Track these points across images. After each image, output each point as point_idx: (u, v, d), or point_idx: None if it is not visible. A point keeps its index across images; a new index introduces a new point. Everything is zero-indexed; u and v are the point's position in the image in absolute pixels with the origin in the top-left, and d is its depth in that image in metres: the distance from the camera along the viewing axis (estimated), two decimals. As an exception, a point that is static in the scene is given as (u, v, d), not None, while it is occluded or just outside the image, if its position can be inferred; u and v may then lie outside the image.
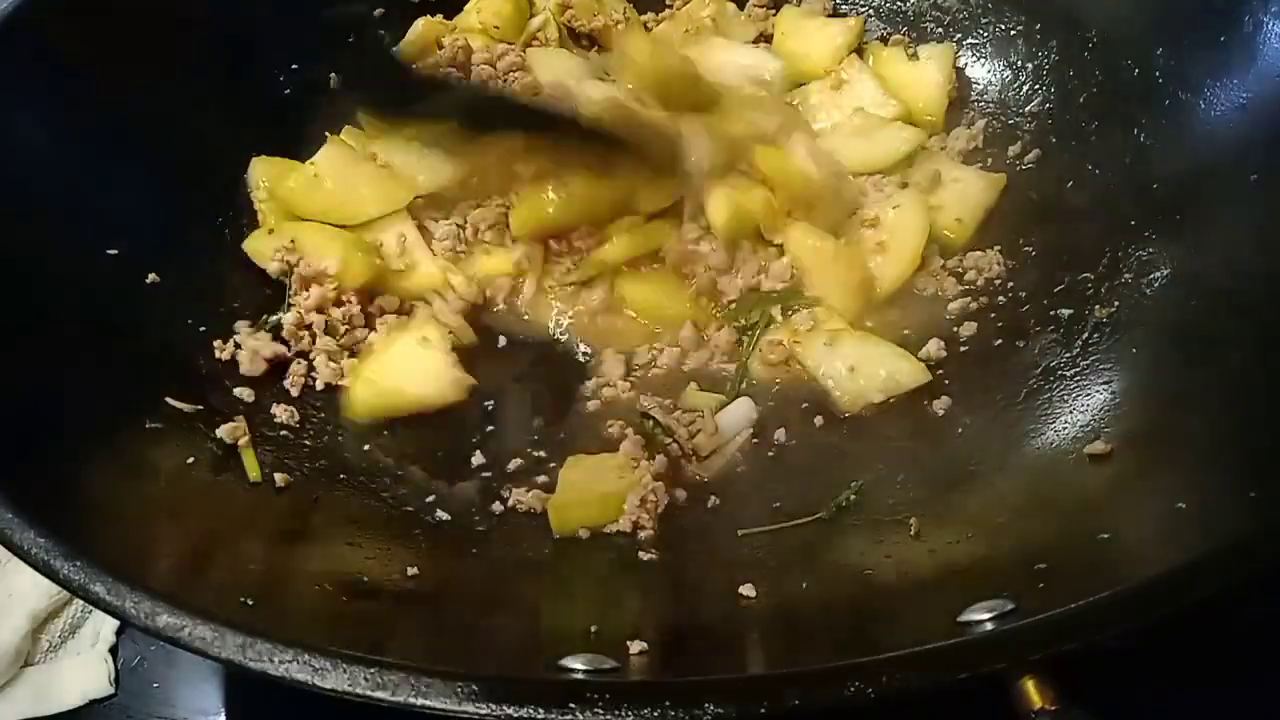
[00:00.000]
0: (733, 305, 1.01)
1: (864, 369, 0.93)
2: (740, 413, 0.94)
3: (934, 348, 0.96)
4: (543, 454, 0.92)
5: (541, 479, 0.89)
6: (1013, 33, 1.13)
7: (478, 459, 0.91)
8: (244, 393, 0.90)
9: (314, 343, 0.95)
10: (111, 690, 0.86)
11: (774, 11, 1.26)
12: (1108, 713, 0.53)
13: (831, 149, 1.09)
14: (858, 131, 1.12)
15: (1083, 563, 0.68)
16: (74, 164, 0.91)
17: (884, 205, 1.04)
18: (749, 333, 0.99)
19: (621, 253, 1.02)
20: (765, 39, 1.23)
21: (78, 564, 0.58)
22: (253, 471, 0.83)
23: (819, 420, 0.93)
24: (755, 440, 0.93)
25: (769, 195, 1.02)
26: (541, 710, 0.51)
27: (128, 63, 0.97)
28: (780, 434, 0.92)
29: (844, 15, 1.23)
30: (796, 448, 0.92)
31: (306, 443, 0.89)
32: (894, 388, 0.92)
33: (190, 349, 0.91)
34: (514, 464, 0.90)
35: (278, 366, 0.94)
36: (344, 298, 0.98)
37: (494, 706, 0.52)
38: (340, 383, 0.94)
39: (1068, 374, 0.88)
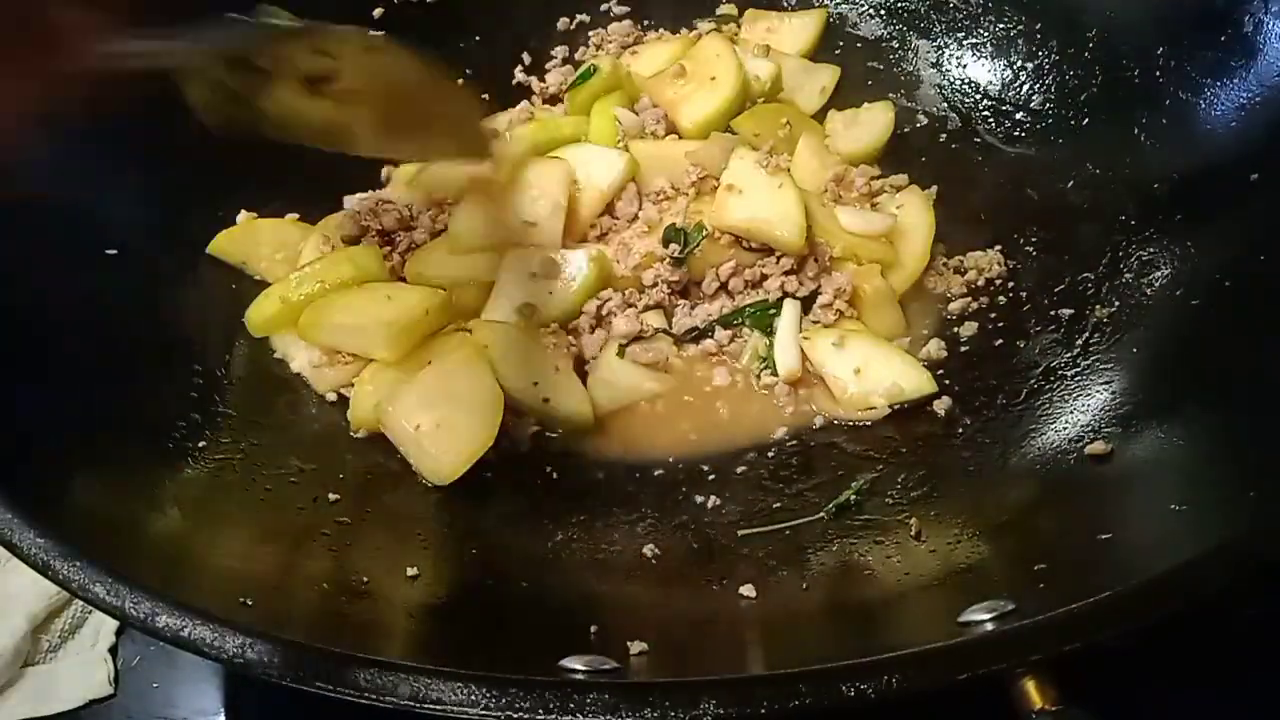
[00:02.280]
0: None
1: (870, 372, 0.93)
2: None
3: (934, 348, 0.96)
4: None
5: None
6: (1013, 33, 1.13)
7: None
8: (241, 393, 0.91)
9: None
10: (111, 690, 0.86)
11: None
12: (1108, 713, 0.53)
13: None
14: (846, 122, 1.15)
15: (1083, 563, 0.68)
16: (73, 164, 0.91)
17: (886, 205, 1.04)
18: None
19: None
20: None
21: (78, 564, 0.58)
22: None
23: (819, 421, 0.93)
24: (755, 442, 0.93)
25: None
26: (541, 710, 0.51)
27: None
28: (781, 432, 0.93)
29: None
30: (796, 448, 0.92)
31: (306, 443, 0.89)
32: (897, 395, 0.91)
33: (188, 349, 0.90)
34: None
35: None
36: None
37: (494, 706, 0.51)
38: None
39: (1068, 374, 0.88)
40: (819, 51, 1.23)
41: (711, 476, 0.89)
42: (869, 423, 0.92)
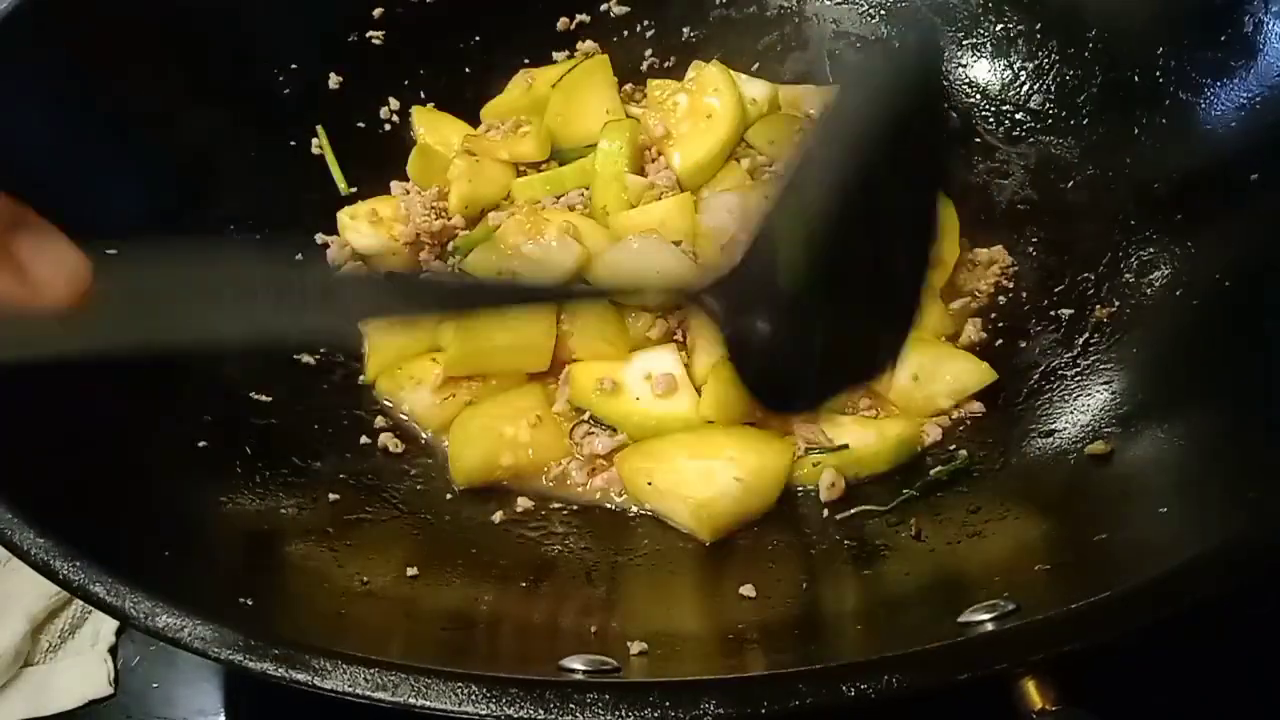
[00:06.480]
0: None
1: (928, 375, 0.90)
2: None
3: (936, 348, 0.96)
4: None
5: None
6: (1013, 33, 1.12)
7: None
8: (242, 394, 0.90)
9: None
10: (111, 691, 0.86)
11: None
12: (1108, 713, 0.53)
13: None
14: None
15: (1083, 563, 0.68)
16: (72, 163, 0.91)
17: None
18: None
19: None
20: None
21: (78, 564, 0.58)
22: None
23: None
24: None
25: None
26: (541, 710, 0.51)
27: (128, 62, 0.97)
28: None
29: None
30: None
31: (305, 443, 0.89)
32: (961, 391, 0.89)
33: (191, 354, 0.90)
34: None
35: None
36: None
37: (494, 706, 0.51)
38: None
39: (1068, 374, 0.88)
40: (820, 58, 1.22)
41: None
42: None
